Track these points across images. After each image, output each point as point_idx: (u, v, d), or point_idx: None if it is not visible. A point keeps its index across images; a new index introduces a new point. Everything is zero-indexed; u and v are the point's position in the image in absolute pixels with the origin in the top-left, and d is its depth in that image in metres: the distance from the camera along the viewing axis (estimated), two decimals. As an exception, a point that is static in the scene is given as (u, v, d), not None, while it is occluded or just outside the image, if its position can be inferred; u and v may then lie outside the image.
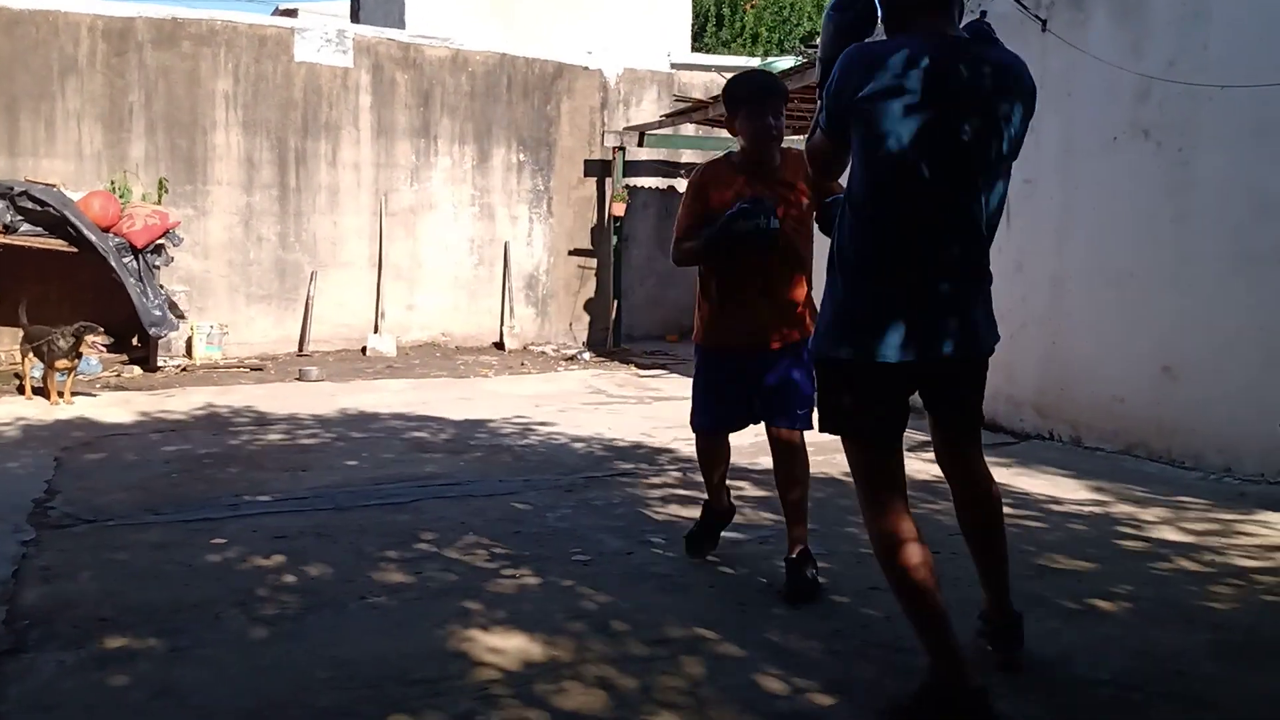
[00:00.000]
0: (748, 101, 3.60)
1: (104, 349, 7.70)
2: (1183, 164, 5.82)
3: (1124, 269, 6.11)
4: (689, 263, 3.75)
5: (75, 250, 8.86)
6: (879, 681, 2.84)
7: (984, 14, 6.98)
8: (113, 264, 8.85)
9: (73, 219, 8.70)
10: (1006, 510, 4.67)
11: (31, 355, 7.55)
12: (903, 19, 2.62)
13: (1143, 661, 3.02)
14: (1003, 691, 2.77)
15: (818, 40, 8.28)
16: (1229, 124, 5.55)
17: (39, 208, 8.68)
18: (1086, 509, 4.82)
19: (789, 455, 3.64)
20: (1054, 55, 6.50)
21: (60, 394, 7.43)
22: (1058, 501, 4.95)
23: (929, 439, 2.98)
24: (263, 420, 6.95)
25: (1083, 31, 6.31)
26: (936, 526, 4.46)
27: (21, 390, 7.70)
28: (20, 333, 7.92)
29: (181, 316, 9.65)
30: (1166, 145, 5.88)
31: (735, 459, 4.13)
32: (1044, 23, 6.53)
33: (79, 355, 7.48)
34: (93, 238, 8.75)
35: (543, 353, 11.43)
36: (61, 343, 7.31)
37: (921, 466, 4.70)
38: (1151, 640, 3.19)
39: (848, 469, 2.83)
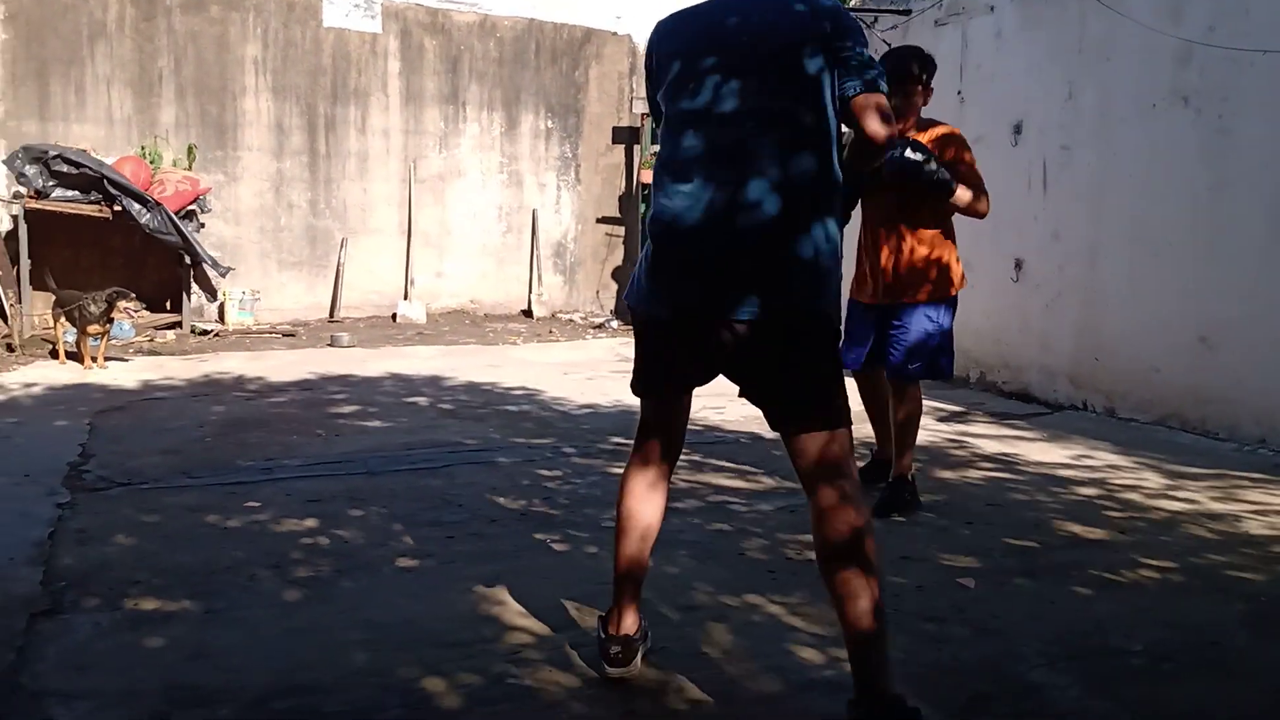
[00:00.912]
0: None
1: (133, 314, 7.78)
2: (1222, 131, 5.71)
3: (1161, 238, 6.02)
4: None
5: (108, 217, 8.93)
6: (910, 651, 2.83)
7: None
8: (171, 218, 8.90)
9: (112, 177, 8.76)
10: (1038, 481, 4.67)
11: (64, 320, 7.63)
12: None
13: (1175, 632, 3.00)
14: (1037, 662, 2.76)
15: (850, 4, 8.28)
16: (1270, 90, 5.43)
17: (74, 170, 8.73)
18: (1120, 480, 4.78)
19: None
20: (1093, 19, 6.38)
21: (94, 358, 7.51)
22: (1091, 472, 4.91)
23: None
24: (295, 385, 7.00)
25: (1123, -6, 6.18)
26: (965, 496, 4.45)
27: (55, 354, 7.79)
28: (52, 298, 7.99)
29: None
30: (1206, 112, 5.77)
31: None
32: (1083, -15, 6.40)
33: (111, 320, 7.56)
34: (133, 198, 8.79)
35: (570, 320, 11.43)
36: (93, 308, 7.37)
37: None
38: (1184, 611, 3.17)
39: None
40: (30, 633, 2.89)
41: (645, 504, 2.61)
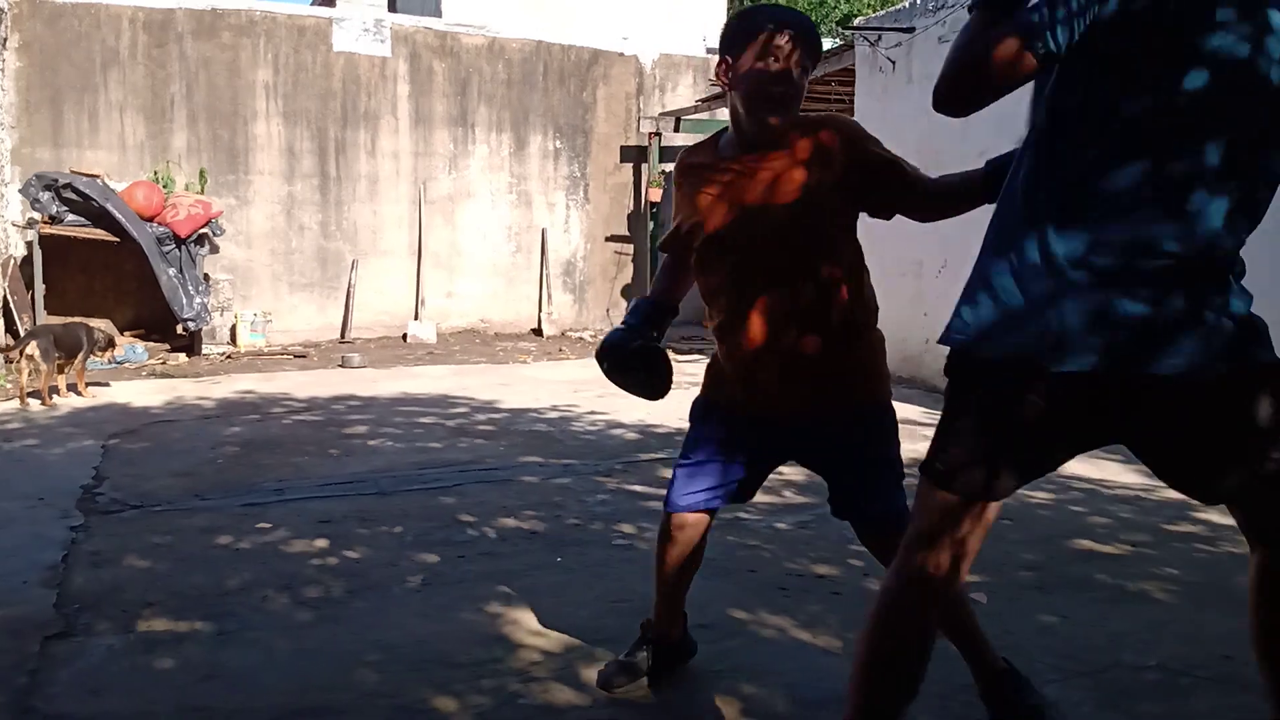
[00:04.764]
0: (757, 35, 2.27)
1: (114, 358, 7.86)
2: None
3: (1171, 249, 5.99)
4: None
5: (119, 240, 9.00)
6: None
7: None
8: (148, 256, 8.97)
9: (114, 211, 8.82)
10: (1049, 494, 4.65)
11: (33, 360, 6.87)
12: None
13: (1191, 646, 2.98)
14: (1051, 677, 2.75)
15: (855, 22, 8.05)
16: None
17: (81, 200, 8.82)
18: (1132, 492, 4.76)
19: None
20: (1098, 32, 6.38)
21: (72, 387, 7.39)
22: (1103, 485, 4.89)
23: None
24: (306, 406, 7.03)
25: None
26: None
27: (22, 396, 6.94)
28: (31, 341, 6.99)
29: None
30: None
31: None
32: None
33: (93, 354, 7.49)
34: (133, 230, 8.88)
35: (581, 338, 11.45)
36: (99, 336, 7.42)
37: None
38: (1200, 624, 3.15)
39: None
40: (43, 656, 2.90)
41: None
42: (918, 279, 7.88)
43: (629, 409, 6.94)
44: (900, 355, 7.86)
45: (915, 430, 6.14)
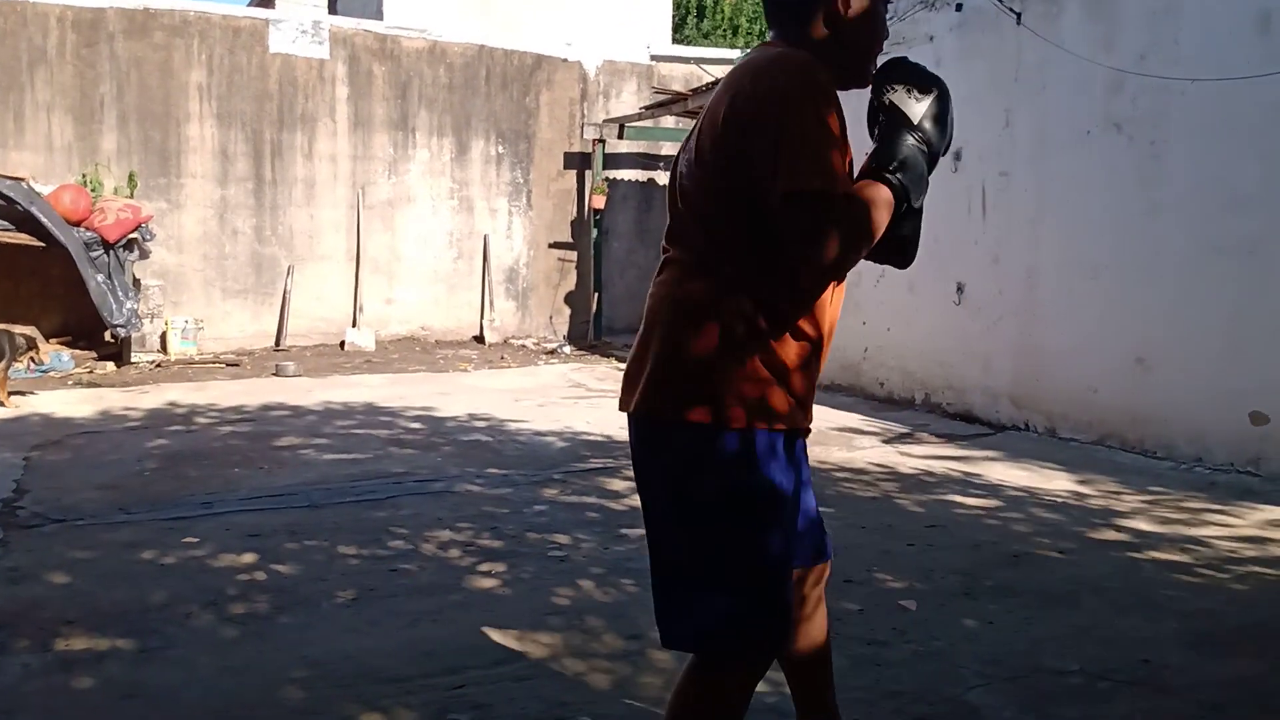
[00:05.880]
0: None
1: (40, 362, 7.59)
2: (1154, 157, 5.86)
3: (1097, 261, 6.15)
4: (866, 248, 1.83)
5: (44, 245, 8.78)
6: (852, 673, 2.85)
7: (959, 7, 7.02)
8: (76, 261, 8.75)
9: (39, 215, 8.60)
10: (980, 502, 4.73)
11: None
12: None
13: (1111, 650, 3.05)
14: (974, 682, 2.79)
15: None
16: (1199, 117, 5.59)
17: (5, 203, 8.59)
18: (1060, 500, 4.86)
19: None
20: (1028, 49, 6.53)
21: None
22: (1031, 492, 4.99)
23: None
24: (238, 417, 6.90)
25: (1056, 25, 6.34)
26: (909, 517, 4.50)
27: None
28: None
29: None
30: (1138, 138, 5.92)
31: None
32: (1018, 16, 6.55)
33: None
34: (59, 235, 8.66)
35: (523, 346, 11.41)
36: (20, 341, 7.21)
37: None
38: (1120, 629, 3.23)
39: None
40: (-44, 677, 2.81)
41: None
42: (855, 288, 7.98)
43: (569, 418, 6.93)
44: (839, 363, 7.96)
45: (852, 439, 6.23)
